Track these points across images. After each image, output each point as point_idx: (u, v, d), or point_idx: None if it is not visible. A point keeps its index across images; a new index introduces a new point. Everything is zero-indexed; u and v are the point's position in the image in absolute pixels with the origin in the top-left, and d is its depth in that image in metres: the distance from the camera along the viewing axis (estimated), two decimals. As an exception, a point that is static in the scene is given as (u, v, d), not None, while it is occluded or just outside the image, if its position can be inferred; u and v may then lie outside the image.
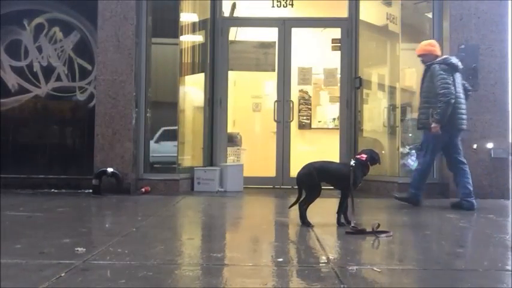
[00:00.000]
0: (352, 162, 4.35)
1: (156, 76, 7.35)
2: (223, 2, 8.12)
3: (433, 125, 5.56)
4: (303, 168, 4.43)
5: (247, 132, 8.96)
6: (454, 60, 5.76)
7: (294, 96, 8.60)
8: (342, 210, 4.36)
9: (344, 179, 4.27)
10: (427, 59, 5.87)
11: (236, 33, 8.56)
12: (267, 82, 8.49)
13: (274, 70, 8.10)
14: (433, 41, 6.15)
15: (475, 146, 6.62)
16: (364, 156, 4.42)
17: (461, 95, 5.71)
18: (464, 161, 5.83)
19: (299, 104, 9.42)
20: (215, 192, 6.98)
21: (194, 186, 7.22)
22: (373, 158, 4.44)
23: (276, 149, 7.93)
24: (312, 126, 9.69)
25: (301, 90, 9.38)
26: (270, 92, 8.30)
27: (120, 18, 6.85)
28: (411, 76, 7.70)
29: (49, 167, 7.15)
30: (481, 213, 5.39)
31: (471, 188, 5.69)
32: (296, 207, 4.40)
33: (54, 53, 7.21)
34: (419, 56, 5.96)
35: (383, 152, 7.72)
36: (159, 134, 7.52)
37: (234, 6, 8.47)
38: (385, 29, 7.95)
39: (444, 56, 5.92)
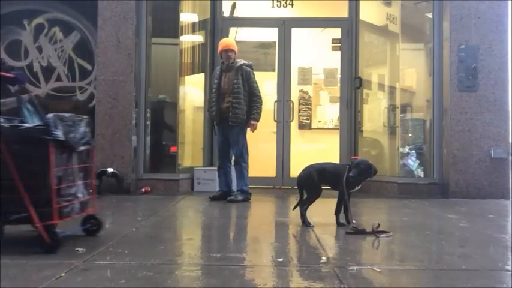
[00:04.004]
0: (349, 163, 4.39)
1: (156, 76, 7.35)
2: (223, 2, 8.12)
3: None
4: (303, 170, 4.48)
5: (247, 132, 8.95)
6: None
7: (294, 96, 8.60)
8: (339, 210, 4.38)
9: (340, 179, 4.28)
10: None
11: (236, 33, 8.56)
12: (267, 82, 8.48)
13: (274, 70, 8.10)
14: None
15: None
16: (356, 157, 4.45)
17: None
18: None
19: (299, 104, 9.41)
20: (215, 192, 6.98)
21: (194, 186, 7.21)
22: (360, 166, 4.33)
23: (276, 149, 7.93)
24: (312, 126, 9.68)
25: (301, 90, 9.37)
26: (270, 92, 8.29)
27: (120, 18, 6.85)
28: (411, 76, 7.70)
29: (49, 167, 7.14)
30: (481, 213, 5.39)
31: None
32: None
33: (54, 53, 7.21)
34: None
35: (384, 151, 7.73)
36: (159, 134, 7.52)
37: (234, 6, 8.47)
38: (385, 29, 7.95)
39: None
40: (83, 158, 3.62)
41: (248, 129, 6.22)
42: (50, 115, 3.29)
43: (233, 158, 6.32)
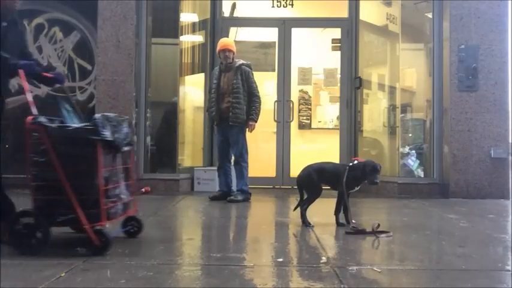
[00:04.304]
0: (349, 163, 4.39)
1: (156, 76, 7.35)
2: (223, 2, 8.12)
3: None
4: (303, 170, 4.48)
5: (247, 132, 8.95)
6: None
7: (294, 96, 8.60)
8: (339, 210, 4.38)
9: (340, 179, 4.28)
10: None
11: (236, 33, 8.56)
12: (267, 82, 8.48)
13: (274, 70, 8.10)
14: None
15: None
16: (358, 159, 4.45)
17: None
18: None
19: (299, 104, 9.41)
20: (215, 192, 6.97)
21: (194, 186, 7.21)
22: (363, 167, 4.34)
23: (276, 149, 7.93)
24: (312, 126, 9.68)
25: (301, 90, 9.37)
26: (270, 92, 8.30)
27: (120, 18, 6.85)
28: (411, 76, 7.70)
29: (49, 167, 7.14)
30: (481, 213, 5.39)
31: None
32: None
33: (54, 53, 7.21)
34: None
35: (383, 151, 7.74)
36: (159, 134, 7.52)
37: (234, 6, 8.47)
38: (385, 29, 7.95)
39: None
40: (125, 158, 3.58)
41: (246, 129, 6.22)
42: (97, 115, 3.26)
43: (233, 158, 6.32)
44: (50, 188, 3.15)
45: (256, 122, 6.21)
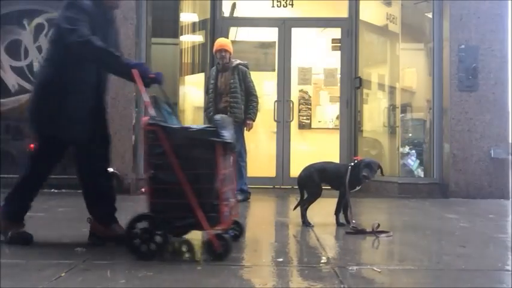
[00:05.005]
0: (351, 163, 4.39)
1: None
2: (223, 2, 8.12)
3: None
4: (304, 170, 4.47)
5: (246, 132, 8.96)
6: None
7: (294, 96, 8.60)
8: (339, 210, 4.38)
9: (342, 179, 4.28)
10: None
11: (236, 33, 8.56)
12: (267, 82, 8.48)
13: (274, 70, 8.10)
14: None
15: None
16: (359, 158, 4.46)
17: None
18: None
19: (299, 104, 9.41)
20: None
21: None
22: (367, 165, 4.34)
23: (276, 149, 7.93)
24: (312, 126, 9.68)
25: (301, 90, 9.37)
26: (270, 92, 8.30)
27: (120, 18, 6.81)
28: (411, 76, 7.70)
29: (49, 167, 7.14)
30: (481, 213, 5.39)
31: None
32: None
33: (54, 53, 7.20)
34: None
35: (383, 151, 7.74)
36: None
37: (234, 6, 8.47)
38: (385, 29, 7.95)
39: None
40: (229, 161, 3.46)
41: (244, 129, 6.22)
42: (218, 116, 3.21)
43: None
44: (168, 191, 3.02)
45: (254, 121, 6.21)
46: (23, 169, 3.52)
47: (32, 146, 7.48)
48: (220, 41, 6.36)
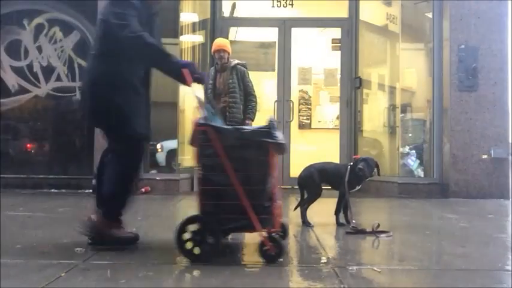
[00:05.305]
0: (350, 163, 4.39)
1: (156, 76, 7.32)
2: (223, 2, 8.13)
3: None
4: (304, 170, 4.48)
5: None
6: None
7: (294, 96, 8.60)
8: (339, 210, 4.38)
9: (341, 179, 4.29)
10: None
11: (236, 33, 8.56)
12: (267, 82, 8.49)
13: (274, 70, 8.10)
14: None
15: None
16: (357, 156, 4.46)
17: None
18: None
19: (299, 104, 9.42)
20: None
21: (194, 186, 7.20)
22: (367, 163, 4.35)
23: (276, 149, 7.92)
24: (312, 126, 9.69)
25: (301, 90, 9.38)
26: (270, 92, 8.30)
27: (120, 18, 6.83)
28: (411, 76, 7.70)
29: (49, 167, 7.15)
30: (481, 213, 5.39)
31: None
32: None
33: (54, 53, 7.21)
34: None
35: (383, 150, 7.73)
36: (159, 134, 7.51)
37: (234, 6, 8.47)
38: (385, 29, 7.95)
39: None
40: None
41: None
42: (271, 116, 3.13)
43: None
44: (219, 192, 2.97)
45: (253, 120, 6.21)
46: (112, 167, 3.43)
47: (28, 146, 7.55)
48: (218, 41, 6.36)
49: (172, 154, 7.45)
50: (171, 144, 7.53)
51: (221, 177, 2.94)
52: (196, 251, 2.97)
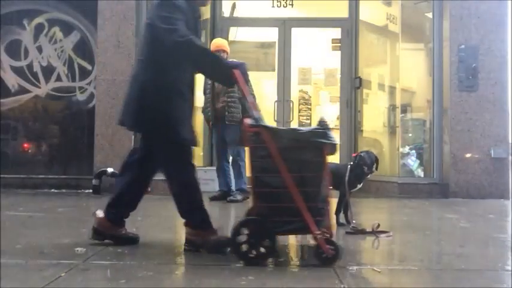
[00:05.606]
0: (350, 162, 4.39)
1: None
2: (223, 2, 8.13)
3: None
4: None
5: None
6: None
7: (294, 96, 8.60)
8: (339, 210, 4.37)
9: (342, 178, 4.28)
10: None
11: (236, 33, 8.56)
12: (267, 82, 8.49)
13: (274, 70, 8.11)
14: None
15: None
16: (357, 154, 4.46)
17: None
18: None
19: (299, 104, 9.41)
20: (215, 192, 6.97)
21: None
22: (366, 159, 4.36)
23: (276, 149, 7.92)
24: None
25: (301, 90, 9.38)
26: (270, 92, 8.30)
27: (120, 18, 6.85)
28: (411, 76, 7.70)
29: (49, 167, 7.15)
30: (481, 213, 5.39)
31: None
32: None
33: (54, 53, 7.21)
34: None
35: (383, 149, 7.73)
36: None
37: (234, 6, 8.47)
38: (385, 29, 7.95)
39: None
40: None
41: None
42: (322, 117, 3.11)
43: (231, 157, 6.33)
44: (273, 194, 2.91)
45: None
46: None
47: (26, 146, 7.56)
48: (217, 42, 6.36)
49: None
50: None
51: (275, 179, 2.90)
52: (252, 253, 2.95)
